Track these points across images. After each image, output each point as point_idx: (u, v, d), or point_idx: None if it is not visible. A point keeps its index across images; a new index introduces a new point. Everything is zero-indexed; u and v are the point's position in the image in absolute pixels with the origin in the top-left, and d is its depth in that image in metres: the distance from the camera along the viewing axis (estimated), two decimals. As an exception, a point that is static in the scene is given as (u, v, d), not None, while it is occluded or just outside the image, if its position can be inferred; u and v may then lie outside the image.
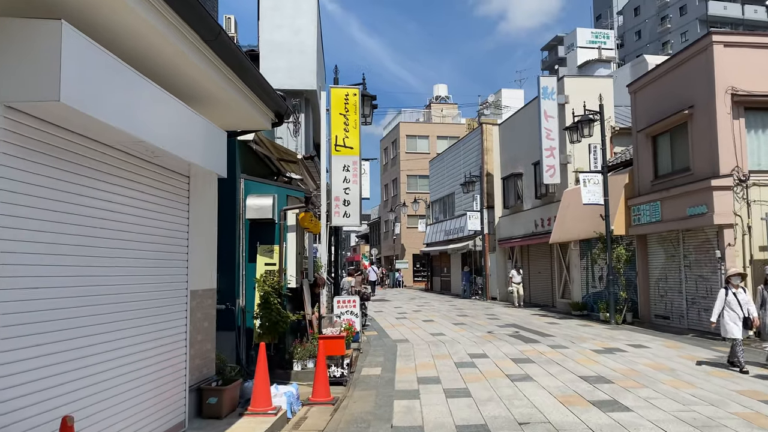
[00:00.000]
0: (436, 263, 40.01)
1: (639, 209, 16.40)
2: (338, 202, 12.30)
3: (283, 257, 9.09)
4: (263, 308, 8.75)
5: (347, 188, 12.33)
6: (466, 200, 31.17)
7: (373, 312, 21.77)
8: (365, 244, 64.76)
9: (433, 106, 51.66)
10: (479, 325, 16.41)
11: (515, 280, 23.86)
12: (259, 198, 8.99)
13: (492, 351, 11.53)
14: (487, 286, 28.96)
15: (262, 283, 8.76)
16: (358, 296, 12.52)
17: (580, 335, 13.87)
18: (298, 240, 10.06)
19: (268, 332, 8.81)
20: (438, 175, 38.33)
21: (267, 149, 9.60)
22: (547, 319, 18.02)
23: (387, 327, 16.59)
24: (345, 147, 12.46)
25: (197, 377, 6.47)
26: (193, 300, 6.33)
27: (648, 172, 16.27)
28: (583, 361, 10.20)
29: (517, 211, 25.88)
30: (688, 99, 14.37)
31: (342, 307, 12.11)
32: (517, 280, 23.84)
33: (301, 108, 15.07)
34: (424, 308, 23.37)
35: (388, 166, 53.04)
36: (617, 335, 13.87)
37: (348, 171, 12.40)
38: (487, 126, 30.12)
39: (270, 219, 8.95)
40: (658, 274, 16.14)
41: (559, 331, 14.66)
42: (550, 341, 12.80)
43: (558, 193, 21.79)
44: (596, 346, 12.04)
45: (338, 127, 12.49)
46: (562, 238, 20.46)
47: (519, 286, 23.77)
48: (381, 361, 10.78)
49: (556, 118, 21.50)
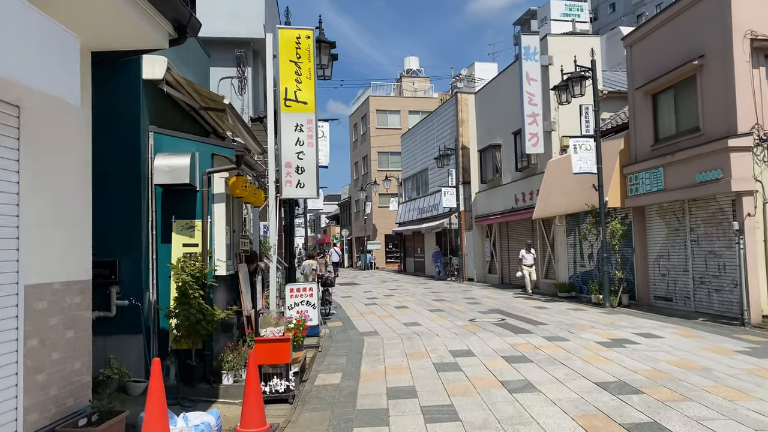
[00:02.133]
0: (409, 243, 38.06)
1: (637, 178, 14.52)
2: (290, 169, 10.05)
3: (208, 236, 6.89)
4: (180, 303, 6.57)
5: (301, 152, 10.10)
6: (441, 176, 29.14)
7: (340, 298, 19.69)
8: (336, 225, 62.57)
9: (404, 79, 49.31)
10: (459, 312, 14.44)
11: (526, 261, 19.50)
12: (171, 157, 6.75)
13: (478, 346, 9.53)
14: (464, 266, 27.08)
15: (179, 271, 6.56)
16: (318, 282, 10.36)
17: (576, 322, 11.97)
18: (231, 213, 7.86)
19: (187, 335, 6.63)
20: (410, 150, 36.20)
21: (185, 92, 7.33)
22: (533, 303, 16.15)
23: (354, 316, 14.51)
24: (297, 102, 10.19)
25: (50, 415, 4.28)
26: (38, 299, 4.13)
27: (647, 135, 14.38)
28: (593, 359, 8.25)
29: (496, 186, 23.94)
30: (698, 48, 12.43)
31: (296, 297, 9.98)
32: (528, 261, 19.51)
33: (247, 61, 12.73)
34: (397, 292, 21.36)
35: (357, 143, 50.71)
36: (617, 321, 12.02)
37: (301, 131, 10.15)
38: (462, 95, 28.02)
39: (188, 185, 6.73)
40: (658, 250, 14.33)
41: (551, 318, 12.76)
42: (544, 331, 10.87)
43: (541, 164, 19.86)
44: (599, 336, 10.13)
45: (288, 77, 10.20)
46: (547, 213, 18.58)
47: (531, 269, 19.48)
48: (343, 363, 8.68)
49: (539, 81, 19.50)
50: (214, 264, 6.95)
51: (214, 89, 12.51)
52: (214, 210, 7.08)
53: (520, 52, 19.80)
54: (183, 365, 6.74)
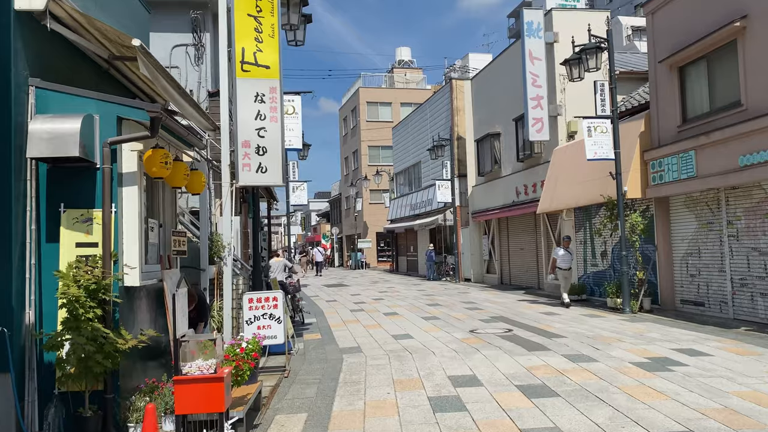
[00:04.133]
0: (401, 241, 36.09)
1: (661, 164, 12.61)
2: (248, 149, 8.07)
3: (112, 232, 4.90)
4: (69, 329, 4.60)
5: (262, 129, 8.12)
6: (435, 169, 27.19)
7: (323, 302, 17.72)
8: (326, 223, 60.57)
9: (395, 70, 47.29)
10: (457, 320, 12.49)
11: (563, 262, 14.27)
12: (55, 120, 4.75)
13: (484, 370, 7.58)
14: (460, 266, 25.14)
15: (69, 281, 4.59)
16: (281, 292, 8.37)
17: (598, 334, 10.05)
18: (156, 201, 5.89)
19: (79, 373, 4.66)
20: (402, 143, 34.23)
21: (87, 35, 5.32)
22: (540, 308, 14.22)
23: (336, 326, 12.52)
24: (257, 66, 8.21)
25: None
26: None
27: (673, 114, 12.46)
28: (637, 391, 6.31)
29: (495, 178, 22.01)
30: (739, 7, 10.50)
31: (257, 309, 7.98)
32: (565, 262, 14.27)
33: (205, 26, 10.72)
34: (387, 295, 19.38)
35: (348, 137, 48.68)
36: (646, 332, 10.11)
37: (263, 102, 8.17)
38: (457, 82, 26.07)
39: (80, 159, 4.74)
40: (686, 247, 12.43)
41: (566, 327, 10.84)
42: (562, 346, 8.93)
43: (546, 152, 17.95)
44: (633, 354, 8.20)
45: (246, 34, 8.22)
46: (553, 207, 16.66)
47: (569, 272, 14.45)
48: (311, 397, 6.70)
49: (543, 61, 17.57)
50: (121, 271, 4.96)
51: (165, 59, 10.51)
52: (121, 195, 5.08)
53: (522, 28, 17.87)
54: (74, 415, 4.75)
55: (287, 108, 9.96)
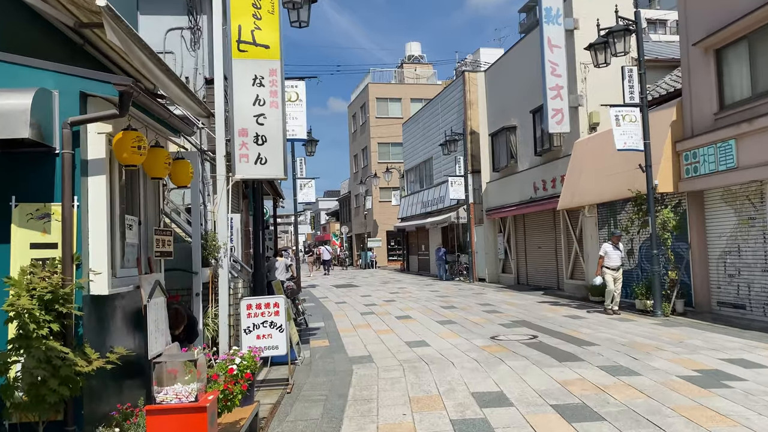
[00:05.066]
0: (412, 240, 35.20)
1: (696, 155, 11.65)
2: (245, 138, 7.27)
3: (74, 230, 4.08)
4: (19, 348, 3.79)
5: (261, 115, 7.31)
6: (447, 165, 26.28)
7: (333, 304, 16.89)
8: (336, 221, 59.80)
9: (405, 66, 46.36)
10: (476, 325, 11.60)
11: (611, 260, 12.53)
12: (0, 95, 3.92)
13: (512, 385, 6.70)
14: (474, 265, 24.22)
15: (21, 290, 3.77)
16: (283, 297, 7.53)
17: (633, 340, 9.14)
18: (134, 194, 5.06)
19: (33, 402, 3.84)
20: (412, 139, 33.33)
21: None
22: (563, 310, 13.31)
23: (345, 331, 11.68)
24: (255, 45, 7.40)
25: None
26: None
27: (708, 101, 11.50)
28: (696, 413, 5.41)
29: (511, 174, 21.07)
30: (786, -19, 9.56)
31: (256, 317, 7.15)
32: (613, 261, 12.54)
33: (201, 7, 9.89)
34: (399, 297, 18.52)
35: (357, 134, 47.83)
36: (686, 338, 9.19)
37: (262, 86, 7.36)
38: (470, 75, 25.14)
39: (34, 143, 3.92)
40: (724, 245, 11.47)
41: (596, 333, 9.93)
42: (595, 356, 8.03)
43: (566, 145, 17.01)
44: (679, 365, 7.30)
45: (243, 11, 7.40)
46: (576, 203, 15.72)
47: (618, 273, 12.57)
48: (316, 419, 5.85)
49: (563, 48, 16.61)
50: (86, 277, 4.13)
51: (158, 44, 9.70)
52: (86, 186, 4.26)
53: (540, 14, 16.92)
54: (27, 452, 3.93)
55: (290, 94, 9.13)
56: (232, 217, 9.57)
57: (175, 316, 5.41)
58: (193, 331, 5.80)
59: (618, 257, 12.67)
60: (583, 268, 16.64)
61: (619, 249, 12.74)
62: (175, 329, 5.41)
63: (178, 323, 5.47)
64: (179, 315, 5.53)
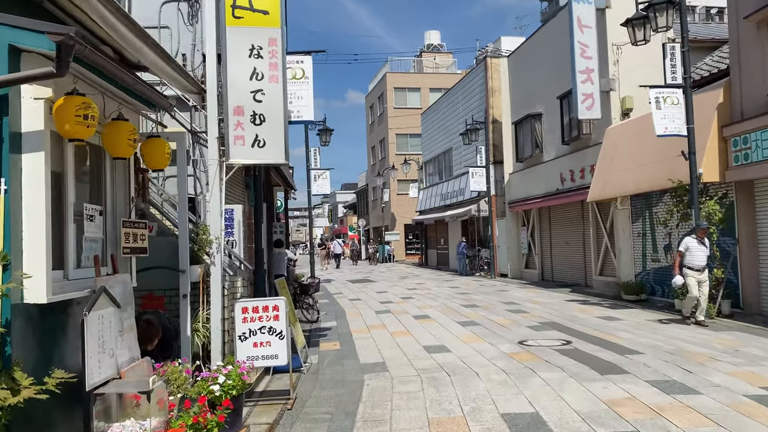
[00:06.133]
0: (431, 234, 34.19)
1: (746, 140, 10.52)
2: (241, 117, 6.35)
3: (0, 222, 3.20)
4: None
5: (259, 91, 6.38)
6: (467, 155, 25.22)
7: (347, 301, 16.02)
8: (353, 215, 59.02)
9: (424, 55, 45.18)
10: (500, 327, 10.62)
11: (695, 260, 10.13)
12: None
13: (550, 404, 5.72)
14: (495, 260, 23.17)
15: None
16: (283, 299, 6.62)
17: (681, 347, 8.10)
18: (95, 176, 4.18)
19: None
20: (431, 129, 32.28)
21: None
22: (595, 310, 12.27)
23: (358, 331, 10.78)
24: (252, 11, 6.46)
25: None
26: None
27: (761, 80, 10.34)
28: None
29: (535, 164, 19.96)
30: None
31: (253, 322, 6.25)
32: (697, 259, 10.12)
33: (200, -23, 8.99)
34: (417, 293, 17.57)
35: (374, 125, 46.85)
36: (740, 345, 8.13)
37: (260, 57, 6.43)
38: (492, 60, 24.04)
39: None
40: (778, 240, 10.35)
41: (637, 339, 8.89)
42: (641, 368, 7.02)
43: (597, 133, 15.89)
44: (741, 381, 6.26)
45: (238, -29, 6.47)
46: (607, 194, 14.61)
47: (703, 275, 10.15)
48: (317, 445, 4.95)
49: (593, 29, 15.49)
50: (13, 281, 3.24)
51: (153, 18, 8.84)
52: (18, 165, 3.37)
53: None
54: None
55: (295, 71, 8.20)
56: (233, 209, 8.71)
57: (146, 330, 4.53)
58: (169, 346, 4.93)
59: (704, 255, 10.15)
60: (614, 264, 15.54)
61: (704, 245, 10.25)
62: (147, 344, 4.53)
63: (151, 337, 4.60)
64: (152, 327, 4.66)
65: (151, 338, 4.64)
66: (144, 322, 4.57)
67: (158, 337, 4.71)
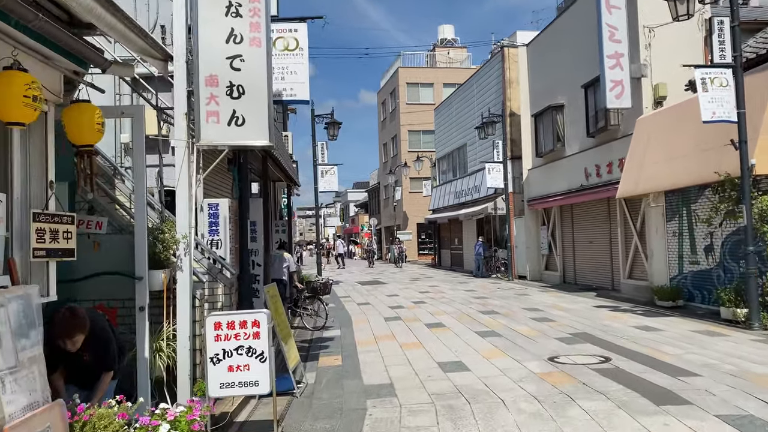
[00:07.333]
0: (444, 233, 32.94)
1: (808, 127, 9.21)
2: (214, 89, 5.18)
3: None
4: None
5: (237, 57, 5.21)
6: (483, 151, 23.98)
7: (355, 305, 14.86)
8: (365, 213, 57.85)
9: (438, 49, 43.89)
10: (525, 339, 9.38)
11: None
12: None
13: (598, 449, 4.50)
14: (513, 261, 21.89)
15: None
16: (266, 312, 5.43)
17: (741, 366, 6.83)
18: None
19: None
20: (445, 125, 31.04)
21: None
22: (629, 318, 11.00)
23: (364, 344, 9.59)
24: (229, -41, 5.30)
25: None
26: None
27: (826, 58, 9.04)
28: None
29: (557, 159, 18.67)
30: None
31: (227, 340, 5.07)
32: None
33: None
34: (430, 296, 16.36)
35: (386, 121, 45.66)
36: (814, 366, 6.84)
37: (238, 15, 5.26)
38: (509, 51, 22.79)
39: None
40: None
41: (685, 355, 7.63)
42: (703, 395, 5.76)
43: (625, 124, 14.59)
44: (837, 417, 5.00)
45: None
46: (640, 190, 13.31)
47: None
48: None
49: (623, 9, 14.18)
50: None
51: None
52: None
53: (597, -30, 14.49)
54: None
55: (288, 41, 7.02)
56: (218, 203, 7.57)
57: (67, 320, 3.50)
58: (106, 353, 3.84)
59: None
60: (644, 266, 14.23)
61: None
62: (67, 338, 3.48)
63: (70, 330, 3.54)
64: (76, 319, 3.58)
65: (70, 332, 3.56)
66: (67, 311, 3.53)
67: (82, 333, 3.62)
